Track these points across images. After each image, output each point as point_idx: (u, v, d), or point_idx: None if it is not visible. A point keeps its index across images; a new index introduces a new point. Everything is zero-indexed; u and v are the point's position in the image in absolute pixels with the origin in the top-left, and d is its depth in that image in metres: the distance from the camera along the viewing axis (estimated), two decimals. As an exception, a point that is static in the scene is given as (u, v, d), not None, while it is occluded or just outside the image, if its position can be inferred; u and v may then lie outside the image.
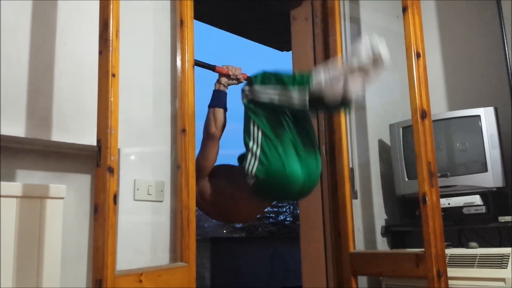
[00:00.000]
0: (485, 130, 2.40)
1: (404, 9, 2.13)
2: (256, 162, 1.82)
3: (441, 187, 2.10)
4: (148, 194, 1.80)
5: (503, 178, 2.35)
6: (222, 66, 2.16)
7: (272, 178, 1.81)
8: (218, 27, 3.46)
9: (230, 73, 2.13)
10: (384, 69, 1.61)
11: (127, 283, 1.48)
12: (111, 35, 1.46)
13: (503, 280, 2.04)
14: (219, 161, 2.23)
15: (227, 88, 2.15)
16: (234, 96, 2.25)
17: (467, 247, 2.29)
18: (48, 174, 1.61)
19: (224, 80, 2.13)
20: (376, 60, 1.61)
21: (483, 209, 2.34)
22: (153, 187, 1.82)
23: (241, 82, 2.22)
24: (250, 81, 1.93)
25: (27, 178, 1.56)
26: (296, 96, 1.69)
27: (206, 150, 2.06)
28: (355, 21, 2.82)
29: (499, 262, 2.10)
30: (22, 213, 1.47)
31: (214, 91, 2.13)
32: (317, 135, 2.56)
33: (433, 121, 2.09)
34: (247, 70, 2.35)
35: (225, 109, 2.10)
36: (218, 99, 2.11)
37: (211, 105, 2.09)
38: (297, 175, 1.80)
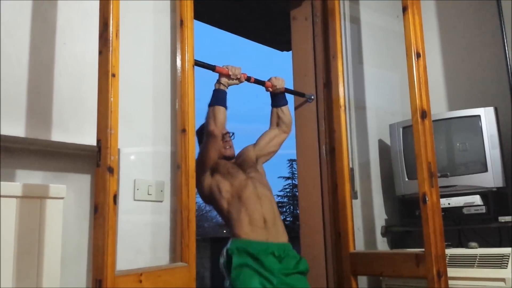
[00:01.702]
0: (485, 130, 2.40)
1: (404, 9, 2.13)
2: None
3: (441, 187, 2.10)
4: (148, 194, 1.80)
5: (503, 178, 2.35)
6: (222, 66, 2.17)
7: None
8: (218, 27, 3.46)
9: (230, 73, 2.14)
10: None
11: (127, 283, 1.48)
12: (111, 35, 1.46)
13: (503, 280, 2.04)
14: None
15: (227, 88, 2.16)
16: (237, 97, 2.26)
17: (467, 247, 2.29)
18: (48, 174, 1.61)
19: (224, 80, 2.14)
20: None
21: (483, 209, 2.34)
22: (153, 187, 1.81)
23: (241, 82, 2.23)
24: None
25: (27, 178, 1.56)
26: None
27: (205, 147, 2.09)
28: (355, 21, 2.82)
29: (499, 262, 2.10)
30: (22, 213, 1.47)
31: (214, 90, 2.15)
32: (317, 135, 2.57)
33: (433, 121, 2.08)
34: (247, 70, 2.35)
35: (225, 107, 2.11)
36: (218, 98, 2.12)
37: (211, 104, 2.10)
38: None
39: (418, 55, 2.07)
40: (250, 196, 2.10)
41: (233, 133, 2.28)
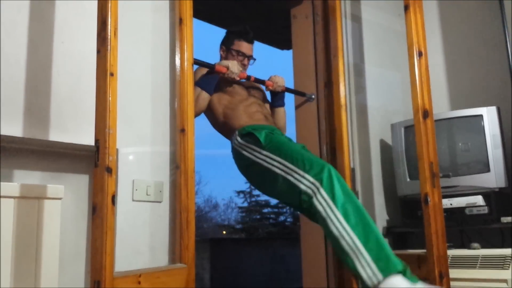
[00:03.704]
0: (487, 130, 2.39)
1: (406, 8, 2.12)
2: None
3: (443, 187, 2.09)
4: (147, 195, 1.79)
5: (505, 178, 2.33)
6: (220, 62, 2.16)
7: None
8: (218, 25, 3.45)
9: (229, 72, 2.14)
10: None
11: (126, 284, 1.47)
12: (109, 34, 1.45)
13: (505, 281, 2.03)
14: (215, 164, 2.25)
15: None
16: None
17: (469, 248, 2.27)
18: (46, 174, 1.60)
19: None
20: None
21: (485, 210, 2.33)
22: (151, 188, 1.80)
23: (236, 80, 2.23)
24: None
25: (25, 178, 1.55)
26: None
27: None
28: (356, 19, 2.81)
29: (501, 263, 2.09)
30: (20, 214, 1.46)
31: (209, 71, 2.14)
32: (318, 135, 2.56)
33: (435, 120, 2.07)
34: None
35: (210, 94, 2.14)
36: (208, 82, 2.13)
37: (200, 85, 2.11)
38: None
39: (420, 54, 2.05)
40: (252, 104, 2.20)
41: (254, 60, 2.34)
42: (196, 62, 1.96)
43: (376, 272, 1.45)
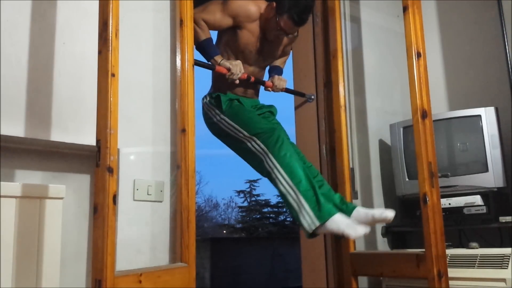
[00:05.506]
0: (485, 130, 2.40)
1: (405, 9, 2.13)
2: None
3: (441, 187, 2.10)
4: (148, 194, 1.80)
5: (503, 178, 2.34)
6: (222, 64, 2.15)
7: None
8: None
9: (230, 73, 2.13)
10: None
11: (127, 283, 1.47)
12: (110, 35, 1.46)
13: (503, 280, 2.04)
14: (214, 161, 2.27)
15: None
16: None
17: (468, 247, 2.28)
18: (48, 174, 1.60)
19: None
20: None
21: (483, 209, 2.34)
22: (152, 187, 1.81)
23: (236, 79, 2.22)
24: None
25: (27, 178, 1.56)
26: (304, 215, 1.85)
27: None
28: (356, 20, 2.81)
29: (500, 262, 2.10)
30: (21, 213, 1.47)
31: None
32: (318, 135, 2.57)
33: (434, 121, 2.08)
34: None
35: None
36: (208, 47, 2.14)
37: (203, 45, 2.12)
38: None
39: (418, 55, 2.07)
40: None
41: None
42: (197, 63, 1.97)
43: (314, 220, 1.81)
